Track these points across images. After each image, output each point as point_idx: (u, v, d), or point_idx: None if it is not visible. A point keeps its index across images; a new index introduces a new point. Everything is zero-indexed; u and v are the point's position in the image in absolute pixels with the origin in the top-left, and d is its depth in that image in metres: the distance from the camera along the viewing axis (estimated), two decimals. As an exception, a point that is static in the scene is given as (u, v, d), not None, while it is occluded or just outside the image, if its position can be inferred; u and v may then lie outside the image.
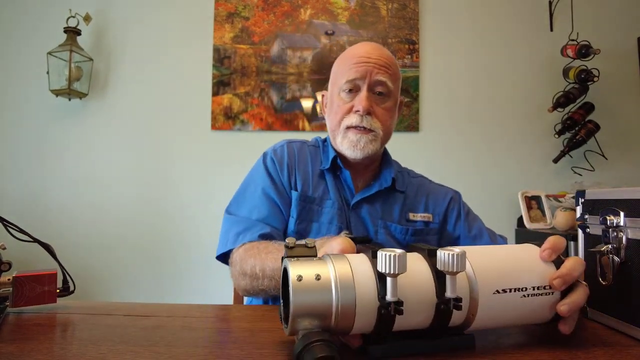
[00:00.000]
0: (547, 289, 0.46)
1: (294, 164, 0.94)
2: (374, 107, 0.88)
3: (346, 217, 0.90)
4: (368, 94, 0.86)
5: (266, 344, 0.48)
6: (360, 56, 0.88)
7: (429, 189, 1.01)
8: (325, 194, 0.91)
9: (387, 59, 0.89)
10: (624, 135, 2.03)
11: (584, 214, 0.60)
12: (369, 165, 0.96)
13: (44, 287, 0.62)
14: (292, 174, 0.92)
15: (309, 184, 0.92)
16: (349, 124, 0.87)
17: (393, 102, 0.91)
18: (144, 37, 2.13)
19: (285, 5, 2.12)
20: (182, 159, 2.07)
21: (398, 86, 0.92)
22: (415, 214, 0.95)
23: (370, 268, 0.43)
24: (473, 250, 0.48)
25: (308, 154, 0.96)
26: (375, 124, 0.87)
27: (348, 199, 0.92)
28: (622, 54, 2.05)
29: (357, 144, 0.86)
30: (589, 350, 0.47)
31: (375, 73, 0.86)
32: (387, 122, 0.89)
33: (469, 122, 2.07)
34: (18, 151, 2.11)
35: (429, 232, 0.94)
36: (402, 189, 0.96)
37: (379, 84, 0.87)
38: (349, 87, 0.88)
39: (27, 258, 0.88)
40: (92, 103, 2.12)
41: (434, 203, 0.98)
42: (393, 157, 1.02)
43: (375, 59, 0.87)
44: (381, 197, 0.93)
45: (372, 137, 0.87)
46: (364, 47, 0.91)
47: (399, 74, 0.92)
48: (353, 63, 0.87)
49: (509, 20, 2.10)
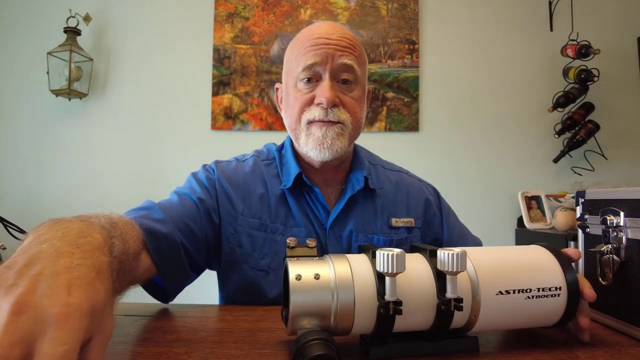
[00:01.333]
0: (553, 290, 0.45)
1: (239, 184, 0.77)
2: (341, 97, 0.72)
3: (321, 242, 0.76)
4: (332, 82, 0.71)
5: (266, 344, 0.48)
6: (318, 37, 0.72)
7: (408, 185, 0.88)
8: (287, 221, 0.76)
9: (351, 39, 0.74)
10: (624, 135, 2.03)
11: (584, 214, 0.60)
12: (339, 167, 0.81)
13: (44, 287, 0.62)
14: (236, 196, 0.76)
15: (266, 209, 0.76)
16: (311, 117, 0.72)
17: (361, 90, 0.76)
18: (143, 37, 2.13)
19: (285, 5, 2.12)
20: (182, 159, 2.07)
21: (365, 72, 0.78)
22: (398, 218, 0.82)
23: (370, 268, 0.43)
24: (475, 250, 0.48)
25: (264, 172, 0.80)
26: (343, 115, 0.72)
27: (322, 220, 0.77)
28: (622, 54, 2.05)
29: (323, 141, 0.71)
30: (589, 350, 0.47)
31: (338, 56, 0.71)
32: (357, 113, 0.74)
33: (469, 122, 2.07)
34: (18, 151, 2.10)
35: (412, 240, 0.82)
36: (377, 186, 0.82)
37: (344, 68, 0.71)
38: (307, 76, 0.72)
39: (27, 258, 0.88)
40: (92, 103, 2.12)
41: (415, 202, 0.85)
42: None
43: (337, 39, 0.71)
44: (359, 204, 0.79)
45: (340, 129, 0.72)
46: (322, 27, 0.74)
47: (365, 57, 0.78)
48: (310, 45, 0.71)
49: (509, 20, 2.10)
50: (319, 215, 0.77)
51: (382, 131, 2.05)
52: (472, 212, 2.01)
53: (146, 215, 0.63)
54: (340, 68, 0.71)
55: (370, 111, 2.06)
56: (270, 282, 0.74)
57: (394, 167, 0.92)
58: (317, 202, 0.78)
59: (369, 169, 0.84)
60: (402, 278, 0.41)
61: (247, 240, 0.75)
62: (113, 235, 0.45)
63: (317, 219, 0.77)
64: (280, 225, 0.76)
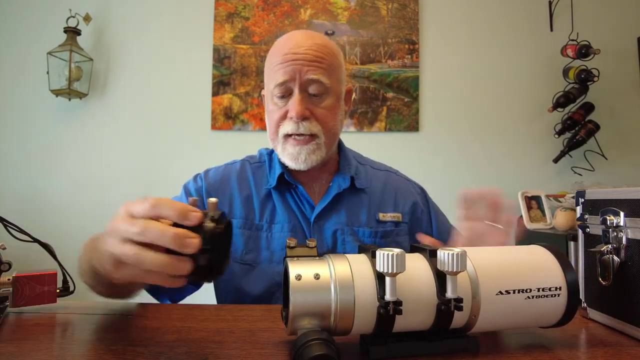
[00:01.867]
0: (553, 290, 0.45)
1: (226, 189, 0.84)
2: (312, 108, 0.77)
3: (304, 237, 0.80)
4: (301, 97, 0.75)
5: (266, 344, 0.48)
6: (286, 53, 0.76)
7: (397, 183, 0.91)
8: (273, 218, 0.81)
9: (319, 49, 0.77)
10: (624, 135, 2.03)
11: (584, 214, 0.60)
12: (324, 167, 0.85)
13: (44, 287, 0.62)
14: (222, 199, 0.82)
15: (252, 209, 0.82)
16: (285, 132, 0.77)
17: (334, 97, 0.79)
18: (143, 37, 2.13)
19: (285, 5, 2.12)
20: (182, 158, 2.07)
21: (338, 77, 0.80)
22: (385, 213, 0.86)
23: (370, 268, 0.43)
24: (475, 250, 0.48)
25: (250, 174, 0.86)
26: (315, 128, 0.76)
27: (307, 215, 0.82)
28: (622, 54, 2.05)
29: (298, 157, 0.77)
30: (589, 350, 0.47)
31: (305, 71, 0.75)
32: (330, 122, 0.79)
33: (469, 122, 2.07)
34: (18, 151, 2.11)
35: (399, 233, 0.86)
36: (365, 186, 0.86)
37: (312, 82, 0.75)
38: (280, 93, 0.77)
39: (27, 258, 0.88)
40: (92, 103, 2.12)
41: (403, 200, 0.89)
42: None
43: (304, 53, 0.75)
44: (344, 200, 0.84)
45: (314, 146, 0.77)
46: (291, 40, 0.78)
47: (337, 62, 0.80)
48: (279, 63, 0.76)
49: (509, 20, 2.10)
50: (304, 210, 0.82)
51: (382, 131, 2.05)
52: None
53: None
54: (308, 83, 0.76)
55: (370, 111, 2.07)
56: (255, 277, 0.78)
57: (382, 167, 0.96)
58: (303, 198, 0.83)
59: (357, 169, 0.89)
60: (402, 278, 0.41)
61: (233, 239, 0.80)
62: None
63: (302, 214, 0.82)
64: (265, 222, 0.81)
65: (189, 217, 0.40)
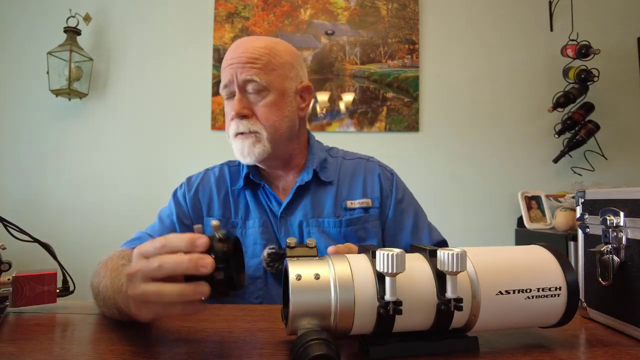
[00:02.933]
0: (553, 290, 0.45)
1: (205, 191, 0.89)
2: (253, 107, 0.81)
3: (274, 231, 0.85)
4: (240, 97, 0.80)
5: (266, 344, 0.48)
6: (227, 58, 0.82)
7: (366, 169, 0.92)
8: (247, 215, 0.87)
9: (255, 51, 0.80)
10: (624, 135, 2.03)
11: (584, 214, 0.60)
12: (288, 165, 0.89)
13: (44, 287, 0.62)
14: (202, 202, 0.88)
15: (228, 207, 0.88)
16: (232, 131, 0.82)
17: (276, 94, 0.82)
18: (144, 37, 2.13)
19: (285, 5, 2.12)
20: (182, 158, 2.07)
21: (282, 73, 0.83)
22: (353, 200, 0.87)
23: (370, 268, 0.43)
24: (475, 250, 0.48)
25: (227, 176, 0.91)
26: (254, 126, 0.80)
27: (275, 211, 0.86)
28: (622, 54, 2.05)
29: (242, 151, 0.81)
30: (589, 350, 0.47)
31: (240, 73, 0.79)
32: (271, 118, 0.81)
33: (469, 122, 2.07)
34: (18, 151, 2.10)
35: (368, 220, 0.86)
36: (331, 178, 0.89)
37: (247, 82, 0.80)
38: (226, 95, 0.83)
39: (27, 258, 0.88)
40: (92, 103, 2.12)
41: (371, 185, 0.90)
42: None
43: (238, 57, 0.80)
44: (309, 194, 0.87)
45: (255, 139, 0.81)
46: (234, 46, 0.83)
47: (276, 61, 0.82)
48: (223, 68, 0.83)
49: (509, 20, 2.10)
50: (272, 207, 0.87)
51: (382, 131, 2.05)
52: (472, 212, 2.01)
53: (138, 243, 0.73)
54: (244, 83, 0.80)
55: (370, 111, 2.07)
56: None
57: (355, 155, 0.97)
58: (270, 195, 0.87)
59: (324, 162, 0.91)
60: (402, 278, 0.41)
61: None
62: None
63: (270, 210, 0.86)
64: (240, 219, 0.87)
65: (197, 244, 0.43)
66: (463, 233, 1.94)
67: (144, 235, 0.81)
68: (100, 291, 0.57)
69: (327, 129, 2.07)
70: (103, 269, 0.61)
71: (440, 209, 1.82)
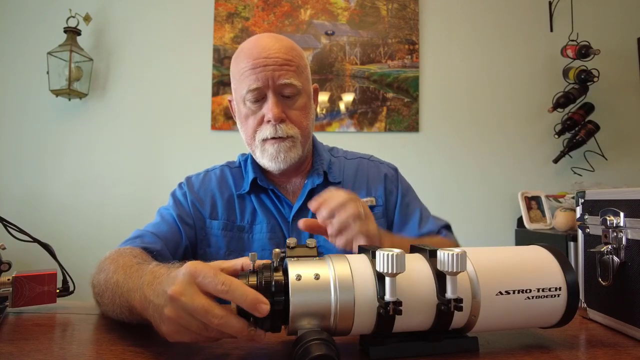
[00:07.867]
0: (553, 290, 0.45)
1: (207, 192, 0.86)
2: (287, 111, 0.79)
3: (284, 236, 0.82)
4: (276, 100, 0.77)
5: (266, 344, 0.48)
6: (257, 58, 0.76)
7: (369, 168, 0.92)
8: (254, 219, 0.84)
9: (287, 52, 0.78)
10: (624, 136, 2.03)
11: (584, 214, 0.60)
12: (300, 167, 0.88)
13: (44, 287, 0.62)
14: (204, 203, 0.85)
15: (233, 210, 0.85)
16: (264, 136, 0.79)
17: (306, 96, 0.82)
18: (144, 37, 2.13)
19: (285, 6, 2.12)
20: (182, 159, 2.07)
21: (307, 76, 0.83)
22: None
23: (370, 268, 0.43)
24: (475, 250, 0.48)
25: (230, 178, 0.89)
26: (291, 130, 0.79)
27: (286, 214, 0.84)
28: (622, 54, 2.05)
29: (277, 156, 0.79)
30: (589, 350, 0.47)
31: (277, 76, 0.76)
32: (304, 122, 0.81)
33: (469, 122, 2.07)
34: (18, 151, 2.10)
35: (374, 216, 0.86)
36: (338, 179, 0.88)
37: (285, 87, 0.77)
38: (254, 97, 0.78)
39: (27, 258, 0.88)
40: (92, 103, 2.12)
41: (375, 184, 0.90)
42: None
43: (274, 58, 0.76)
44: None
45: (291, 143, 0.79)
46: (259, 44, 0.78)
47: (303, 62, 0.82)
48: (250, 68, 0.77)
49: (509, 20, 2.10)
50: (283, 210, 0.84)
51: (382, 131, 2.05)
52: (472, 212, 2.01)
53: (141, 241, 0.76)
54: (281, 87, 0.77)
55: (370, 111, 2.07)
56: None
57: (356, 155, 0.97)
58: (281, 198, 0.85)
59: (330, 163, 0.90)
60: (402, 278, 0.41)
61: (215, 240, 0.83)
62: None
63: (280, 214, 0.84)
64: (247, 224, 0.84)
65: (259, 309, 0.40)
66: (463, 233, 1.94)
67: (145, 233, 0.79)
68: (108, 287, 0.55)
69: (327, 129, 2.07)
70: (112, 265, 0.58)
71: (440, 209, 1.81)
